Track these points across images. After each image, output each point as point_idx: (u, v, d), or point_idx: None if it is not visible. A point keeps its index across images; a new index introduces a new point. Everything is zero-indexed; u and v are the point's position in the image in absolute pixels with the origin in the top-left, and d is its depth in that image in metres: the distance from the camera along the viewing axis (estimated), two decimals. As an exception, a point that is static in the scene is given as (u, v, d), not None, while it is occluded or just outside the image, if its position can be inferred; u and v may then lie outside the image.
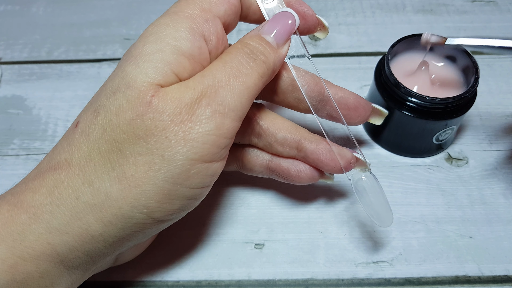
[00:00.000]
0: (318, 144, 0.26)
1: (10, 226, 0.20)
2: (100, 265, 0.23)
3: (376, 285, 0.27)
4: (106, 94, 0.21)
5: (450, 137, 0.32)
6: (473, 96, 0.30)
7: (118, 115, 0.20)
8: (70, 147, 0.21)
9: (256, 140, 0.27)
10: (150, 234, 0.23)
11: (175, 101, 0.20)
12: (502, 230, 0.29)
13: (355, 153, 0.26)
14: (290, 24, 0.24)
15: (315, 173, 0.27)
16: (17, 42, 0.42)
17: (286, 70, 0.26)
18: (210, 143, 0.21)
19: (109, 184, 0.20)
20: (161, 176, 0.20)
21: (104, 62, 0.40)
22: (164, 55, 0.21)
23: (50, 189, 0.21)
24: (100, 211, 0.20)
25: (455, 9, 0.43)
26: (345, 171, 0.26)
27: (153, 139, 0.20)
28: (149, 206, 0.21)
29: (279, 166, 0.27)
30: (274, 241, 0.29)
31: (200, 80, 0.21)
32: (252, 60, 0.22)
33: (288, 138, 0.26)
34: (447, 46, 0.27)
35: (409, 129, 0.31)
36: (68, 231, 0.20)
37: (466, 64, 0.30)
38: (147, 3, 0.45)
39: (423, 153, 0.33)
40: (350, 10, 0.44)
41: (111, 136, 0.21)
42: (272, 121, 0.26)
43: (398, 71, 0.31)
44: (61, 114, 0.37)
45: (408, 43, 0.32)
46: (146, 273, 0.28)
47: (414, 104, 0.29)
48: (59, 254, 0.21)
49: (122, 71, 0.21)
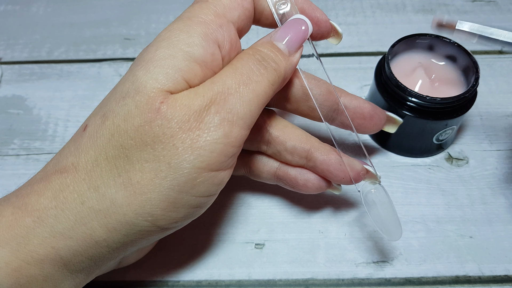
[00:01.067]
0: (328, 154, 0.26)
1: (14, 229, 0.20)
2: (103, 268, 0.23)
3: (376, 285, 0.27)
4: (115, 98, 0.21)
5: (450, 137, 0.32)
6: (474, 96, 0.30)
7: (126, 121, 0.20)
8: (77, 151, 0.21)
9: (265, 147, 0.26)
10: (153, 240, 0.23)
11: (184, 108, 0.20)
12: (502, 230, 0.29)
13: (365, 165, 0.26)
14: (302, 31, 0.23)
15: (322, 183, 0.27)
16: (17, 42, 0.42)
17: (299, 78, 0.26)
18: (218, 152, 0.21)
19: (115, 190, 0.20)
20: (167, 184, 0.20)
21: (104, 62, 0.40)
22: (176, 61, 0.21)
23: (55, 192, 0.21)
24: (104, 217, 0.20)
25: (456, 9, 0.43)
26: (355, 182, 0.26)
27: (160, 146, 0.20)
28: (154, 214, 0.21)
29: (286, 174, 0.27)
30: (274, 241, 0.29)
31: (209, 87, 0.21)
32: (263, 67, 0.22)
33: (298, 147, 0.26)
34: (456, 31, 0.26)
35: (409, 129, 0.30)
36: (72, 235, 0.20)
37: (467, 64, 0.30)
38: (147, 3, 0.45)
39: (424, 153, 0.33)
40: (350, 10, 0.44)
41: (118, 141, 0.20)
42: (282, 129, 0.26)
43: (398, 71, 0.31)
44: (61, 114, 0.37)
45: (408, 43, 0.32)
46: (147, 273, 0.28)
47: (414, 104, 0.29)
48: (62, 258, 0.21)
49: (133, 75, 0.21)
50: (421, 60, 0.32)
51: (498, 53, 0.39)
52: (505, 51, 0.30)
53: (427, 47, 0.32)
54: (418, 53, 0.32)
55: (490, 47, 0.26)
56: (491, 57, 0.39)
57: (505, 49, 0.22)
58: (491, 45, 0.25)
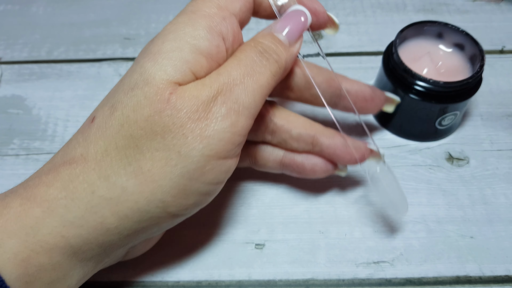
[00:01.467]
0: (333, 138, 0.27)
1: (22, 220, 0.20)
2: (112, 257, 0.23)
3: (377, 285, 0.27)
4: (123, 90, 0.22)
5: (453, 123, 0.32)
6: (478, 82, 0.31)
7: (136, 111, 0.21)
8: (86, 142, 0.22)
9: (269, 137, 0.27)
10: (164, 228, 0.24)
11: (192, 99, 0.21)
12: (503, 230, 0.29)
13: (369, 145, 0.27)
14: (302, 22, 0.24)
15: (329, 166, 0.28)
16: (17, 41, 0.42)
17: (300, 67, 0.26)
18: (226, 141, 0.21)
19: (125, 178, 0.21)
20: (178, 171, 0.21)
21: (104, 61, 0.40)
22: (183, 53, 0.21)
23: (65, 183, 0.21)
24: (116, 205, 0.21)
25: (456, 9, 0.43)
26: (360, 163, 0.27)
27: (170, 135, 0.21)
28: (165, 201, 0.21)
29: (293, 161, 0.27)
30: (274, 241, 0.29)
31: (216, 78, 0.22)
32: (265, 59, 0.23)
33: (303, 134, 0.26)
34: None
35: (410, 111, 0.31)
36: (83, 224, 0.21)
37: (474, 52, 0.31)
38: (147, 3, 0.45)
39: (426, 137, 0.33)
40: (350, 9, 0.43)
41: (128, 131, 0.21)
42: (286, 118, 0.27)
43: (406, 56, 0.31)
44: (61, 114, 0.37)
45: (417, 30, 0.32)
46: (147, 273, 0.28)
47: (418, 87, 0.29)
48: (72, 246, 0.21)
49: (141, 67, 0.21)
50: (429, 46, 0.32)
51: (499, 52, 0.39)
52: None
53: (435, 35, 0.33)
54: (427, 40, 0.32)
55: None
56: (492, 57, 0.39)
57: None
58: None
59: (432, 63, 0.31)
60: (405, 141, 0.34)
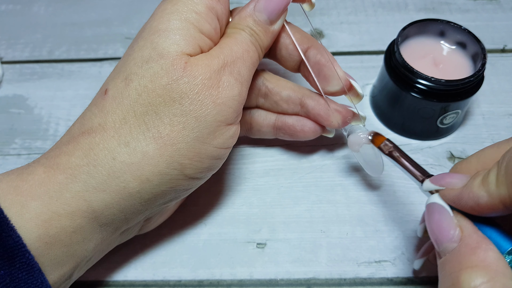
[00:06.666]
0: (318, 100, 0.29)
1: (46, 185, 0.21)
2: (130, 224, 0.24)
3: (378, 284, 0.27)
4: (136, 63, 0.23)
5: (455, 122, 0.32)
6: (480, 81, 0.30)
7: (154, 81, 0.22)
8: (102, 113, 0.23)
9: (262, 100, 0.30)
10: (180, 194, 0.25)
11: (205, 67, 0.23)
12: (505, 229, 0.29)
13: (350, 108, 0.29)
14: (283, 0, 0.25)
15: (317, 128, 0.30)
16: (18, 41, 0.42)
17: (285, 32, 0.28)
18: (234, 108, 0.24)
19: (145, 143, 0.22)
20: (194, 135, 0.22)
21: (105, 61, 0.40)
22: (190, 31, 0.23)
23: (85, 151, 0.22)
24: (137, 169, 0.22)
25: (457, 8, 0.43)
26: (342, 126, 0.29)
27: (187, 101, 0.22)
28: (182, 163, 0.23)
29: (285, 123, 0.30)
30: (276, 241, 0.29)
31: (220, 51, 0.24)
32: (254, 39, 0.25)
33: (292, 96, 0.29)
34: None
35: (412, 110, 0.31)
36: (106, 188, 0.22)
37: (476, 51, 0.31)
38: (148, 2, 0.45)
39: (428, 136, 0.33)
40: (352, 8, 0.43)
41: (146, 100, 0.22)
42: (276, 82, 0.29)
43: (408, 55, 0.31)
44: (63, 113, 0.37)
45: (419, 27, 0.32)
46: (148, 273, 0.28)
47: (420, 85, 0.30)
48: (95, 210, 0.22)
49: (151, 42, 0.23)
50: (431, 44, 0.32)
51: (501, 51, 0.39)
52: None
53: (437, 33, 0.33)
54: (428, 38, 0.32)
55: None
56: (494, 56, 0.39)
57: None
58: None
59: (435, 61, 0.31)
60: (407, 140, 0.34)
